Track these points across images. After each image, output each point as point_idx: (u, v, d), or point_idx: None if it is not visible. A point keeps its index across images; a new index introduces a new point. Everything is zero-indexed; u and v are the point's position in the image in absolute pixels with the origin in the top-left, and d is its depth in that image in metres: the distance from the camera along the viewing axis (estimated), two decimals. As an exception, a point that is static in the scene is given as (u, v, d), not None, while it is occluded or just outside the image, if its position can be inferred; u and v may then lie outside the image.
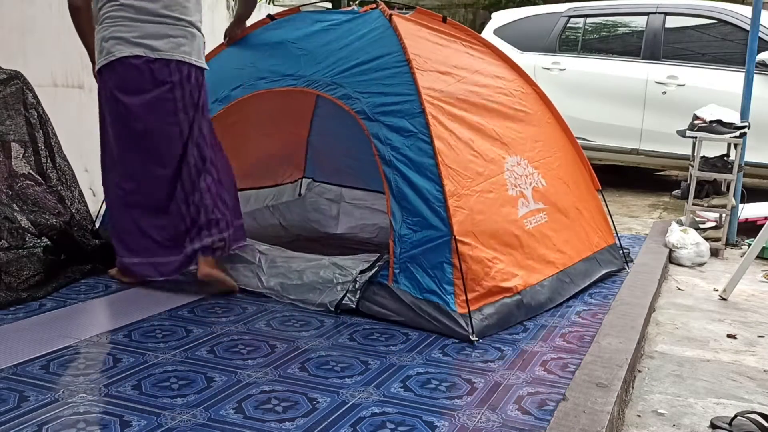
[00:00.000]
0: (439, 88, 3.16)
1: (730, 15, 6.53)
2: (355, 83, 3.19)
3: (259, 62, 3.57)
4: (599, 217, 3.85)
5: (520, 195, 3.23)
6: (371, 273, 2.96)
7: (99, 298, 3.16)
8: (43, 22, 4.58)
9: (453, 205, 2.85)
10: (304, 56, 3.42)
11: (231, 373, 2.36)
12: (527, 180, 3.33)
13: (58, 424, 1.99)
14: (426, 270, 2.83)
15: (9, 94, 3.48)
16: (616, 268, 3.80)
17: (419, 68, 3.13)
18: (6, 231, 3.16)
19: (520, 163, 3.35)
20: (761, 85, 5.69)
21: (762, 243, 3.81)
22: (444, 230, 2.82)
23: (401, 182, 2.95)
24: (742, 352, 3.08)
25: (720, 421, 2.35)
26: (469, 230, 2.87)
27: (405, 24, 3.39)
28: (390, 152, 3.00)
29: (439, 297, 2.78)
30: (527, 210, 3.23)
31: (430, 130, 2.95)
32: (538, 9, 7.62)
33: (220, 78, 3.60)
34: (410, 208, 2.91)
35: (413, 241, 2.87)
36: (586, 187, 3.88)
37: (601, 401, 2.21)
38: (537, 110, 3.77)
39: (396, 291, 2.88)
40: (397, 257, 2.89)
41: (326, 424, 2.03)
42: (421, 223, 2.88)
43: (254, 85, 3.49)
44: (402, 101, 3.06)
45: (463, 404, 2.19)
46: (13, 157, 3.45)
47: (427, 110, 2.99)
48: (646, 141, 6.73)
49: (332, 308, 2.98)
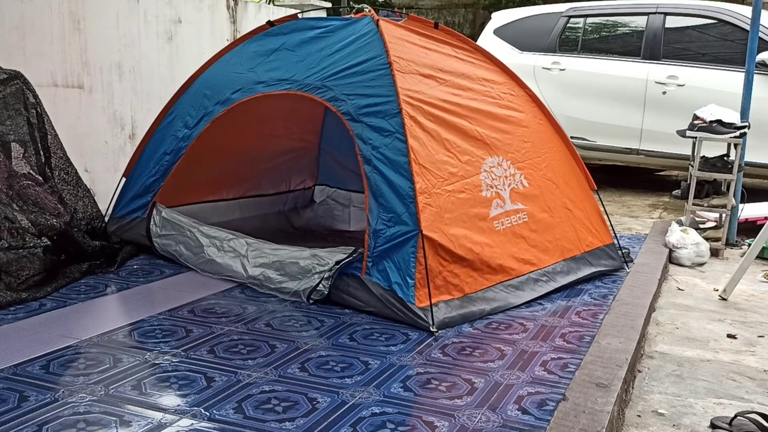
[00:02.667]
0: (419, 90, 3.25)
1: (730, 15, 6.52)
2: (342, 86, 3.31)
3: (258, 67, 3.68)
4: (594, 216, 3.87)
5: (495, 196, 3.29)
6: (345, 262, 3.06)
7: (99, 298, 3.16)
8: (43, 22, 4.58)
9: (422, 202, 2.94)
10: (299, 62, 3.54)
11: (231, 373, 2.36)
12: (506, 181, 3.39)
13: (58, 424, 1.99)
14: (395, 263, 2.94)
15: (9, 94, 3.48)
16: (611, 267, 3.81)
17: (400, 71, 3.23)
18: (6, 231, 3.16)
19: (501, 164, 3.40)
20: (761, 85, 5.69)
21: (762, 243, 3.81)
22: (412, 226, 2.92)
23: (379, 180, 3.06)
24: (742, 352, 3.08)
25: (720, 421, 2.35)
26: (437, 227, 2.96)
27: (392, 29, 3.50)
28: (371, 151, 3.11)
29: (401, 289, 2.88)
30: (501, 211, 3.30)
31: (405, 130, 3.04)
32: (538, 9, 7.62)
33: (221, 81, 3.77)
34: (386, 205, 3.01)
35: (387, 236, 2.98)
36: (579, 187, 3.89)
37: (601, 401, 2.21)
38: (527, 112, 3.81)
39: (367, 283, 2.99)
40: (371, 251, 3.00)
41: (326, 424, 2.03)
42: (395, 219, 2.98)
43: (253, 89, 3.61)
44: (382, 102, 3.17)
45: (463, 404, 2.19)
46: (13, 157, 3.45)
47: (403, 110, 3.09)
48: (646, 141, 6.73)
49: (305, 298, 3.12)
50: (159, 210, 3.80)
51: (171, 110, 3.98)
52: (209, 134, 3.76)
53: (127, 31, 5.23)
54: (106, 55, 5.06)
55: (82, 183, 3.77)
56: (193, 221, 3.72)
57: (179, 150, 3.79)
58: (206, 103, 3.78)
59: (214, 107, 3.73)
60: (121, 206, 3.96)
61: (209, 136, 3.77)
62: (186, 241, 3.66)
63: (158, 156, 3.87)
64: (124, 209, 3.94)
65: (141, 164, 3.98)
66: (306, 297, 3.12)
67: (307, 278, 3.15)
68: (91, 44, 4.92)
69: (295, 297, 3.17)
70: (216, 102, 3.72)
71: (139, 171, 3.97)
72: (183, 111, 3.88)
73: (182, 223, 3.71)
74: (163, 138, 3.91)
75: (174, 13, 5.66)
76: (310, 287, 3.11)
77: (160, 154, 3.87)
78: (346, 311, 3.04)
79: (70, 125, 4.61)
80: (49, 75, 4.63)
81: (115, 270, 3.57)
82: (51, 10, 4.63)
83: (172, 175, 3.81)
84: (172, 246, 3.71)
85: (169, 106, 4.01)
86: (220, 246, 3.52)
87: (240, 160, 4.12)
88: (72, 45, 4.79)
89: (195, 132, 3.77)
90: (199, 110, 3.79)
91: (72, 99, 4.82)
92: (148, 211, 3.82)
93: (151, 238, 3.79)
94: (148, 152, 3.97)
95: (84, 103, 4.91)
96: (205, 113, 3.76)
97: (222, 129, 3.78)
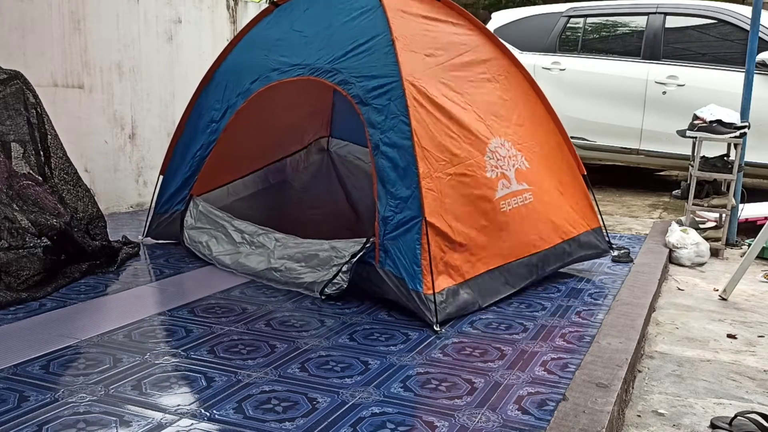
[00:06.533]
0: (422, 70, 3.20)
1: (730, 15, 6.52)
2: (350, 68, 3.29)
3: (271, 53, 3.70)
4: (583, 200, 3.84)
5: (501, 176, 3.27)
6: (360, 255, 3.07)
7: (99, 298, 3.16)
8: (43, 22, 4.58)
9: (425, 187, 2.92)
10: (308, 44, 3.54)
11: (231, 373, 2.36)
12: (510, 162, 3.36)
13: (58, 424, 1.99)
14: (402, 251, 2.94)
15: (9, 94, 3.48)
16: (598, 251, 3.79)
17: (403, 49, 3.18)
18: (6, 231, 3.16)
19: (504, 145, 3.38)
20: (761, 85, 5.69)
21: (762, 243, 3.81)
22: (417, 212, 2.91)
23: (387, 165, 3.05)
24: (742, 352, 3.08)
25: (720, 421, 2.35)
26: (438, 213, 2.94)
27: (395, 1, 3.43)
28: (379, 136, 3.09)
29: (409, 277, 2.89)
30: (508, 191, 3.27)
31: (408, 112, 3.02)
32: (538, 9, 7.62)
33: (238, 72, 3.83)
34: (393, 191, 3.01)
35: (394, 222, 2.97)
36: (569, 170, 3.86)
37: (601, 401, 2.21)
38: (522, 94, 3.77)
39: (380, 272, 3.00)
40: (382, 239, 3.00)
41: (326, 424, 2.03)
42: (401, 205, 2.97)
43: (269, 77, 3.64)
44: (388, 83, 3.14)
45: (463, 404, 2.19)
46: (13, 157, 3.45)
47: (407, 92, 3.05)
48: (646, 141, 6.73)
49: (317, 292, 3.16)
50: (196, 203, 3.90)
51: (197, 104, 4.06)
52: (235, 122, 3.83)
53: (127, 31, 5.23)
54: (106, 55, 5.06)
55: (82, 183, 3.77)
56: (226, 215, 3.79)
57: (210, 144, 3.89)
58: (228, 95, 3.85)
59: (236, 99, 3.79)
60: (162, 202, 4.09)
61: (235, 123, 3.84)
62: (219, 236, 3.74)
63: (191, 152, 3.98)
64: (166, 205, 4.06)
65: (176, 161, 4.08)
66: (320, 291, 3.16)
67: (324, 270, 3.20)
68: (91, 44, 4.92)
69: (308, 290, 3.21)
70: (237, 93, 3.78)
71: (174, 167, 4.07)
72: (208, 105, 3.96)
73: (217, 217, 3.80)
74: (194, 134, 4.00)
75: (174, 13, 5.66)
76: (326, 280, 3.15)
77: (192, 149, 3.97)
78: (346, 311, 3.05)
79: (70, 125, 4.61)
80: (49, 75, 4.64)
81: (115, 270, 3.57)
82: (51, 10, 4.63)
83: (206, 165, 3.91)
84: (202, 237, 3.79)
85: (194, 100, 4.09)
86: (250, 241, 3.59)
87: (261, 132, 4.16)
88: (72, 45, 4.79)
89: (221, 125, 3.85)
90: (222, 103, 3.87)
91: (72, 99, 4.82)
92: (185, 203, 3.92)
93: (183, 228, 3.88)
94: (181, 148, 4.07)
95: (84, 103, 4.91)
96: (228, 106, 3.83)
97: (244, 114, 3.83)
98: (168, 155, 4.16)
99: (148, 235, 4.16)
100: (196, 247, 3.80)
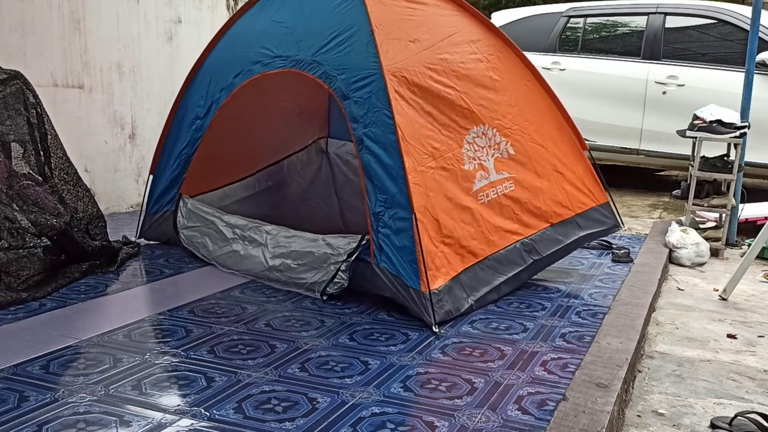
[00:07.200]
0: (406, 57, 3.15)
1: (730, 15, 6.52)
2: (331, 60, 3.23)
3: (252, 46, 3.65)
4: (587, 177, 3.79)
5: (478, 168, 3.24)
6: (356, 254, 3.07)
7: (99, 298, 3.16)
8: (43, 22, 4.58)
9: (412, 182, 2.90)
10: (289, 35, 3.48)
11: (231, 373, 2.36)
12: (489, 152, 3.32)
13: (58, 424, 1.99)
14: (396, 247, 2.92)
15: (9, 94, 3.48)
16: (605, 227, 3.75)
17: (385, 39, 3.13)
18: (6, 231, 3.16)
19: (486, 133, 3.34)
20: (761, 85, 5.69)
21: (762, 243, 3.81)
22: (407, 207, 2.89)
23: (372, 160, 3.02)
24: (742, 352, 3.08)
25: (720, 421, 2.35)
26: (426, 207, 2.93)
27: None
28: (362, 130, 3.06)
29: (406, 274, 2.87)
30: (486, 182, 3.24)
31: (391, 105, 2.97)
32: (538, 9, 7.62)
33: (221, 67, 3.78)
34: (380, 186, 2.99)
35: (386, 218, 2.96)
36: (570, 148, 3.81)
37: (601, 401, 2.21)
38: (514, 73, 3.70)
39: (377, 269, 2.99)
40: (375, 235, 2.99)
41: (326, 424, 2.03)
42: (390, 200, 2.95)
43: (251, 71, 3.59)
44: (368, 75, 3.09)
45: (463, 404, 2.19)
46: (13, 157, 3.45)
47: (388, 84, 3.00)
48: (646, 141, 6.73)
49: (318, 292, 3.15)
50: (185, 201, 3.88)
51: (182, 102, 4.03)
52: (221, 119, 3.80)
53: (127, 31, 5.23)
54: (106, 55, 5.06)
55: (82, 183, 3.77)
56: (216, 211, 3.77)
57: (195, 141, 3.86)
58: (212, 90, 3.81)
59: (220, 94, 3.75)
60: (153, 202, 4.07)
61: (221, 120, 3.81)
62: (211, 233, 3.72)
63: (177, 150, 3.95)
64: (156, 205, 4.05)
65: (163, 159, 4.06)
66: (321, 291, 3.15)
67: (323, 269, 3.18)
68: (91, 44, 4.92)
69: (309, 291, 3.20)
70: (221, 88, 3.74)
71: (162, 166, 4.05)
72: (193, 102, 3.93)
73: (206, 214, 3.78)
74: (179, 131, 3.98)
75: (174, 13, 5.66)
76: (326, 280, 3.14)
77: (178, 147, 3.95)
78: (345, 311, 3.05)
79: (70, 125, 4.60)
80: (49, 75, 4.63)
81: (115, 270, 3.57)
82: (51, 10, 4.63)
83: (194, 164, 3.88)
84: (198, 238, 3.79)
85: (180, 98, 4.06)
86: (242, 236, 3.56)
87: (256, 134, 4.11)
88: (72, 45, 4.79)
89: (206, 121, 3.82)
90: (207, 99, 3.83)
91: (72, 99, 4.82)
92: (175, 203, 3.91)
93: (178, 229, 3.87)
94: (168, 146, 4.04)
95: (84, 103, 4.91)
96: (212, 101, 3.80)
97: (232, 109, 3.80)
98: (157, 154, 4.12)
99: (140, 237, 4.13)
100: (196, 248, 3.80)
